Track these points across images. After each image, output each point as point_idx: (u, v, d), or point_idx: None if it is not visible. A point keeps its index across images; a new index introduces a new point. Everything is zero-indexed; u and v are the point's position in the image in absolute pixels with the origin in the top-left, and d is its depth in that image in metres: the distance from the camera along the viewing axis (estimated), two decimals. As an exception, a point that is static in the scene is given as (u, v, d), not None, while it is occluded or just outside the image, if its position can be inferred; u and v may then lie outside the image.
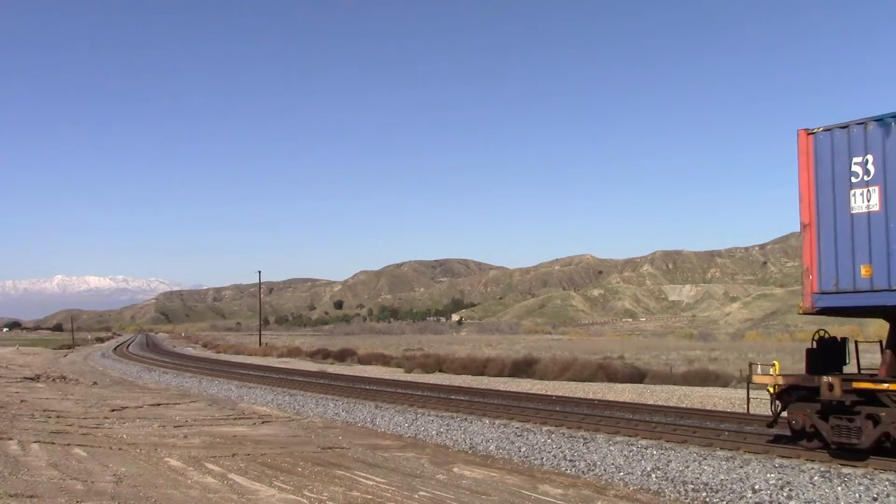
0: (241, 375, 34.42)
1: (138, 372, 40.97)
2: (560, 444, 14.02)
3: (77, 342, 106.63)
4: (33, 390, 26.28)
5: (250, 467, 11.49)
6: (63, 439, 13.64)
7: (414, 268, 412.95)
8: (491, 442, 14.85)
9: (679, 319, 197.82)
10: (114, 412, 19.51)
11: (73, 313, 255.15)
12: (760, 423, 15.09)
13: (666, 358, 48.63)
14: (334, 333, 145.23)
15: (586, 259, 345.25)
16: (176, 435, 15.28)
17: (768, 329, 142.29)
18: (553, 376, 34.65)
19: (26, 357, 62.03)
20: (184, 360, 54.15)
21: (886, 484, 10.06)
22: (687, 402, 22.67)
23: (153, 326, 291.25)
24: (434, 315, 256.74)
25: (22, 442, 12.99)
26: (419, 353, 54.36)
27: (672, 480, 11.12)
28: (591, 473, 12.01)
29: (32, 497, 8.55)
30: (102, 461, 11.53)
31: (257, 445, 14.05)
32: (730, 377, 31.05)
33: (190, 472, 10.87)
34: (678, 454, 12.61)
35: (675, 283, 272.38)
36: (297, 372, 38.58)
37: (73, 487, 9.29)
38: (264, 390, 26.71)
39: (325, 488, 10.04)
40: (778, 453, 12.34)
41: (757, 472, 11.02)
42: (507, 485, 10.88)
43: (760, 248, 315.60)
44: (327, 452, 13.47)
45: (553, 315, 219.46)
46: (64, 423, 16.31)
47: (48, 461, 11.20)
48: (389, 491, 10.01)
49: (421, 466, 12.29)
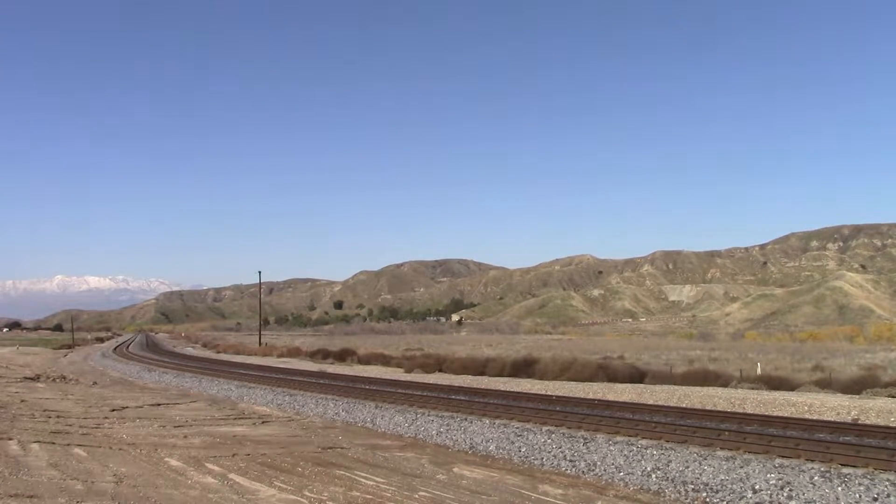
0: (241, 375, 34.42)
1: (138, 372, 40.96)
2: (560, 444, 14.02)
3: (77, 342, 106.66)
4: (33, 390, 26.27)
5: (250, 467, 11.49)
6: (63, 439, 13.64)
7: (414, 268, 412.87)
8: (491, 442, 14.85)
9: (679, 319, 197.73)
10: (114, 412, 19.51)
11: (73, 313, 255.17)
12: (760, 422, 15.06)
13: (666, 358, 48.63)
14: (334, 333, 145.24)
15: (586, 259, 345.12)
16: (176, 435, 15.28)
17: (768, 329, 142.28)
18: (553, 376, 34.65)
19: (26, 357, 62.02)
20: (184, 360, 54.14)
21: (886, 484, 10.06)
22: (687, 402, 22.67)
23: (153, 326, 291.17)
24: (434, 315, 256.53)
25: (22, 442, 12.98)
26: (419, 353, 54.35)
27: (672, 480, 11.12)
28: (591, 473, 12.00)
29: (32, 497, 8.54)
30: (102, 461, 11.52)
31: (257, 445, 14.04)
32: (730, 377, 31.04)
33: (190, 472, 10.87)
34: (678, 454, 12.60)
35: (675, 283, 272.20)
36: (297, 372, 38.57)
37: (73, 487, 9.28)
38: (264, 390, 26.71)
39: (326, 488, 10.04)
40: (778, 453, 12.34)
41: (757, 472, 11.02)
42: (507, 485, 10.88)
43: (760, 249, 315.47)
44: (327, 452, 13.46)
45: (553, 315, 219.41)
46: (64, 423, 16.31)
47: (48, 461, 11.19)
48: (389, 491, 10.01)
49: (421, 466, 12.29)
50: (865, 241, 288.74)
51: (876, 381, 27.88)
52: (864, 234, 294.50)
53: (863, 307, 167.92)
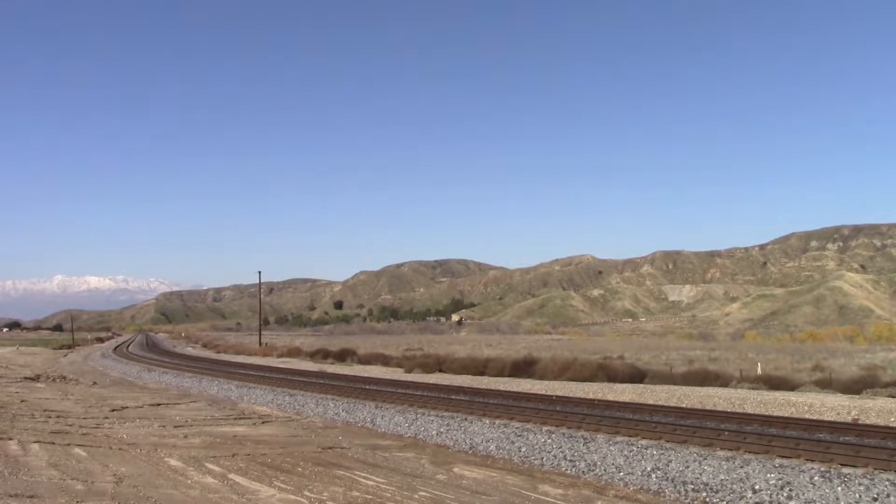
0: (241, 375, 34.42)
1: (138, 372, 40.95)
2: (560, 445, 14.02)
3: (77, 342, 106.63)
4: (33, 390, 26.27)
5: (251, 467, 11.49)
6: (63, 439, 13.64)
7: (414, 268, 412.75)
8: (491, 442, 14.85)
9: (679, 320, 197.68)
10: (114, 412, 19.52)
11: (73, 313, 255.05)
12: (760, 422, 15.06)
13: (666, 358, 48.64)
14: (334, 333, 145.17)
15: (586, 259, 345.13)
16: (176, 435, 15.28)
17: (768, 329, 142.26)
18: (553, 376, 34.64)
19: (26, 357, 62.03)
20: (183, 360, 54.14)
21: (886, 484, 10.07)
22: (687, 402, 22.67)
23: (153, 326, 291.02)
24: (434, 315, 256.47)
25: (22, 442, 12.98)
26: (419, 353, 54.32)
27: (672, 480, 11.12)
28: (591, 473, 12.00)
29: (32, 497, 8.55)
30: (102, 461, 11.52)
31: (257, 445, 14.05)
32: (729, 377, 31.04)
33: (190, 473, 10.87)
34: (678, 454, 12.61)
35: (675, 283, 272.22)
36: (296, 372, 38.57)
37: (73, 487, 9.28)
38: (264, 390, 26.71)
39: (325, 488, 10.04)
40: (778, 453, 12.34)
41: (757, 472, 11.02)
42: (508, 485, 10.88)
43: (760, 249, 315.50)
44: (327, 452, 13.46)
45: (553, 315, 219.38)
46: (64, 423, 16.31)
47: (48, 461, 11.19)
48: (390, 491, 10.01)
49: (421, 466, 12.29)
50: (865, 241, 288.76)
51: (876, 381, 27.90)
52: (863, 235, 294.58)
53: (863, 307, 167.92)
